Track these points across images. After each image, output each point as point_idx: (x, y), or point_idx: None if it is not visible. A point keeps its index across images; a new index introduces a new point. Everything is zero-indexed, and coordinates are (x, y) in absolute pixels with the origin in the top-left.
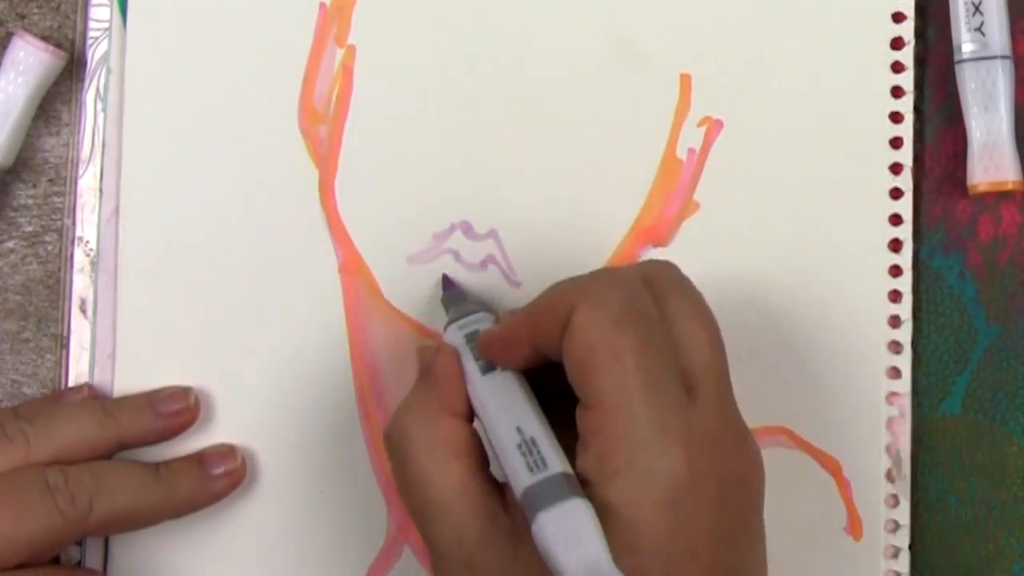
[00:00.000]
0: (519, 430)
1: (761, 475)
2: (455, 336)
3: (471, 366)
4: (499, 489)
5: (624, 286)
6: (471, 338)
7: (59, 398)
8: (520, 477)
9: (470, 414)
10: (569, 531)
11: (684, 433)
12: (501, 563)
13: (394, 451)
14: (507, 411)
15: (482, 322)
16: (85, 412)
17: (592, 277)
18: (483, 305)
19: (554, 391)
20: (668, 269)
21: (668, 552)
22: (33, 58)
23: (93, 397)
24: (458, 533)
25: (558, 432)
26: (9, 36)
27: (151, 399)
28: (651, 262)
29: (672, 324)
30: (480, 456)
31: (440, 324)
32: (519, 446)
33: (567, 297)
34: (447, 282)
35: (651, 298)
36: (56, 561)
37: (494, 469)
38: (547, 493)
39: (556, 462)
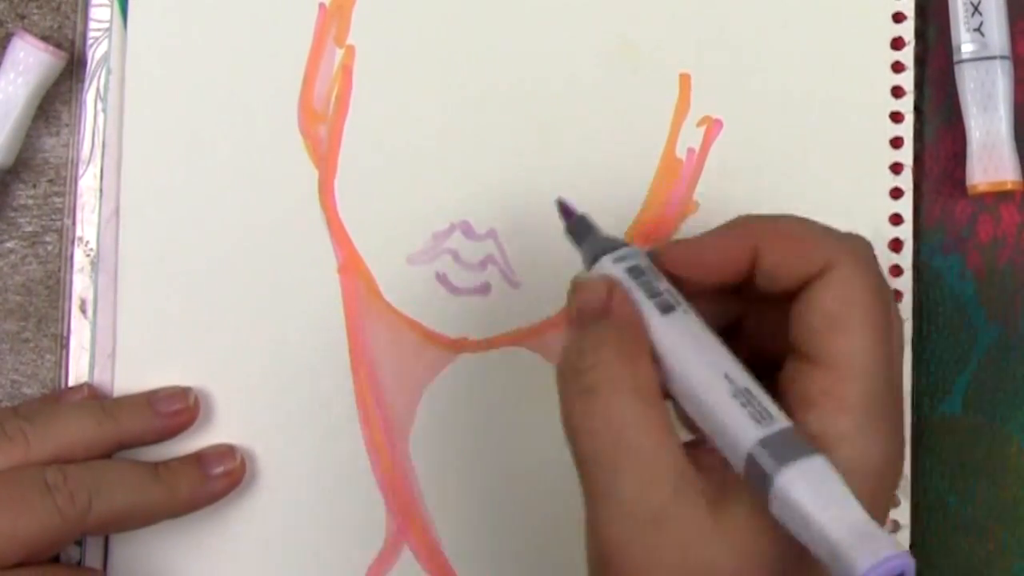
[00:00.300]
0: (728, 378)
1: None
2: (616, 271)
3: (646, 306)
4: (686, 449)
5: (875, 255)
6: (636, 273)
7: (59, 398)
8: (744, 429)
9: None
10: (823, 488)
11: (895, 413)
12: (697, 522)
13: (581, 384)
14: (708, 356)
15: (637, 257)
16: (84, 412)
17: (851, 236)
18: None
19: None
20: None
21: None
22: (33, 58)
23: (93, 397)
24: (652, 484)
25: None
26: (9, 36)
27: (150, 399)
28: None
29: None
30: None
31: (440, 325)
32: (735, 395)
33: (825, 242)
34: (566, 209)
35: None
36: (56, 560)
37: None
38: (786, 447)
39: (780, 414)
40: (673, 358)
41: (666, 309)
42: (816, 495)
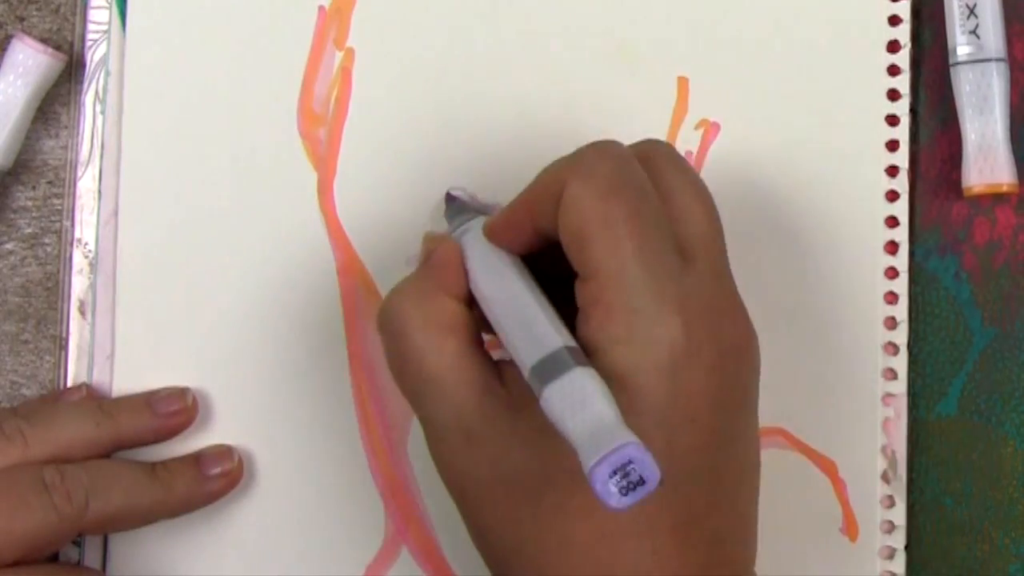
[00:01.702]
0: (521, 309)
1: (756, 347)
2: (457, 236)
3: (473, 260)
4: (495, 366)
5: (614, 157)
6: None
7: (57, 398)
8: (526, 355)
9: (469, 300)
10: (575, 398)
11: (681, 300)
12: (499, 433)
13: (387, 329)
14: (508, 293)
15: (482, 222)
16: (83, 411)
17: (581, 151)
18: (484, 210)
19: (559, 277)
20: (662, 146)
21: (669, 417)
22: (32, 60)
23: (91, 397)
24: (455, 406)
25: (564, 314)
26: (8, 38)
27: (149, 399)
28: (645, 140)
29: (668, 197)
30: (475, 334)
31: None
32: (521, 325)
33: (559, 173)
34: (449, 197)
35: (645, 171)
36: (54, 560)
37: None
38: (553, 366)
39: (558, 338)
40: (484, 298)
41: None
42: (569, 403)
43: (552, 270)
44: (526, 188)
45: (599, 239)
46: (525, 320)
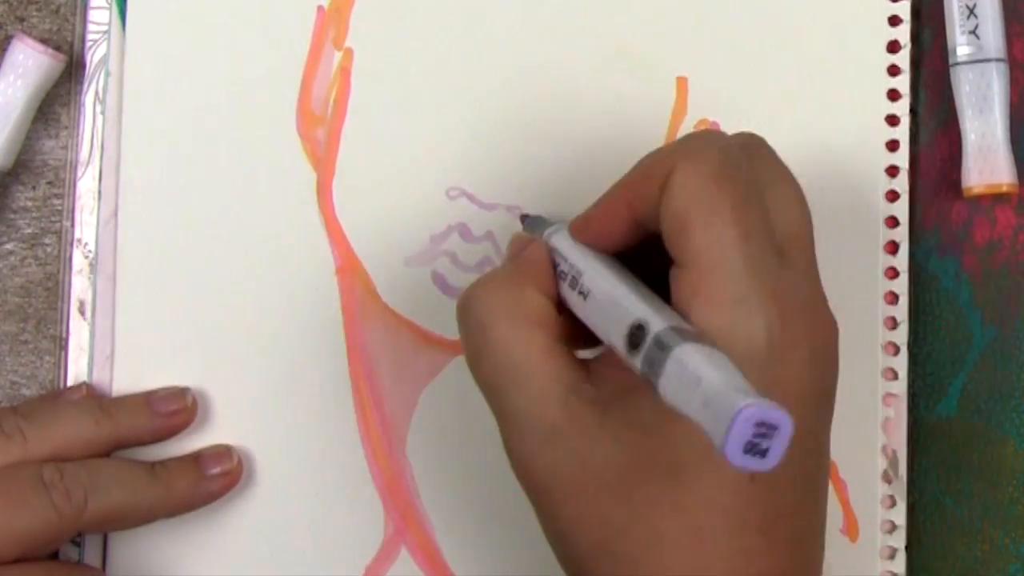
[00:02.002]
0: (621, 298)
1: (838, 346)
2: (545, 239)
3: (566, 257)
4: (581, 364)
5: (723, 146)
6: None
7: (57, 396)
8: (652, 319)
9: (557, 301)
10: (715, 360)
11: (779, 294)
12: (587, 429)
13: (471, 319)
14: (607, 283)
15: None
16: (82, 410)
17: (689, 137)
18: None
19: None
20: (756, 139)
21: None
22: (33, 61)
23: (91, 396)
24: (541, 400)
25: None
26: (9, 39)
27: (149, 399)
28: (740, 133)
29: (765, 189)
30: (562, 332)
31: (438, 327)
32: (643, 298)
33: (665, 158)
34: (524, 217)
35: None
36: (54, 558)
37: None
38: (688, 333)
39: (659, 319)
40: (590, 283)
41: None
42: (707, 361)
43: (639, 270)
44: (623, 179)
45: (704, 225)
46: (630, 306)
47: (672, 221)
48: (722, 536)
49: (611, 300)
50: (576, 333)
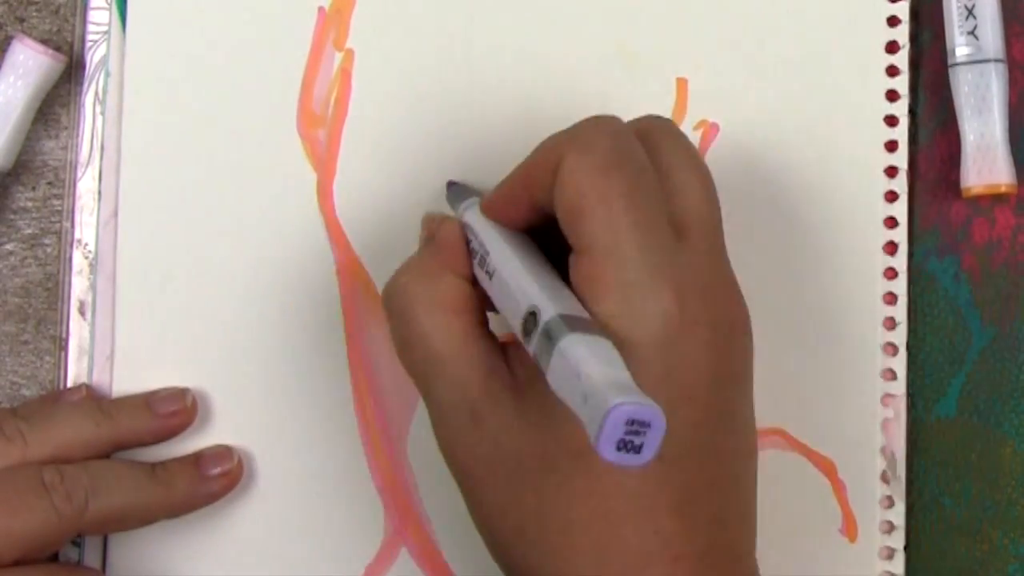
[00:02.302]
0: (521, 282)
1: (749, 325)
2: (459, 215)
3: (476, 236)
4: (500, 348)
5: (612, 132)
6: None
7: (57, 398)
8: (545, 306)
9: (472, 279)
10: (598, 354)
11: (675, 276)
12: (504, 414)
13: (393, 309)
14: (509, 266)
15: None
16: (82, 412)
17: (579, 125)
18: (484, 193)
19: (560, 254)
20: (661, 122)
21: (666, 392)
22: (33, 61)
23: (91, 397)
24: (461, 386)
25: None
26: (9, 39)
27: (148, 400)
28: (645, 116)
29: (665, 173)
30: (481, 314)
31: None
32: (522, 298)
33: (556, 146)
34: (450, 184)
35: (642, 147)
36: (54, 560)
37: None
38: (578, 324)
39: (551, 306)
40: (494, 263)
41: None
42: (588, 354)
43: (553, 246)
44: (522, 162)
45: (594, 214)
46: (525, 293)
47: (564, 210)
48: (632, 520)
49: (510, 283)
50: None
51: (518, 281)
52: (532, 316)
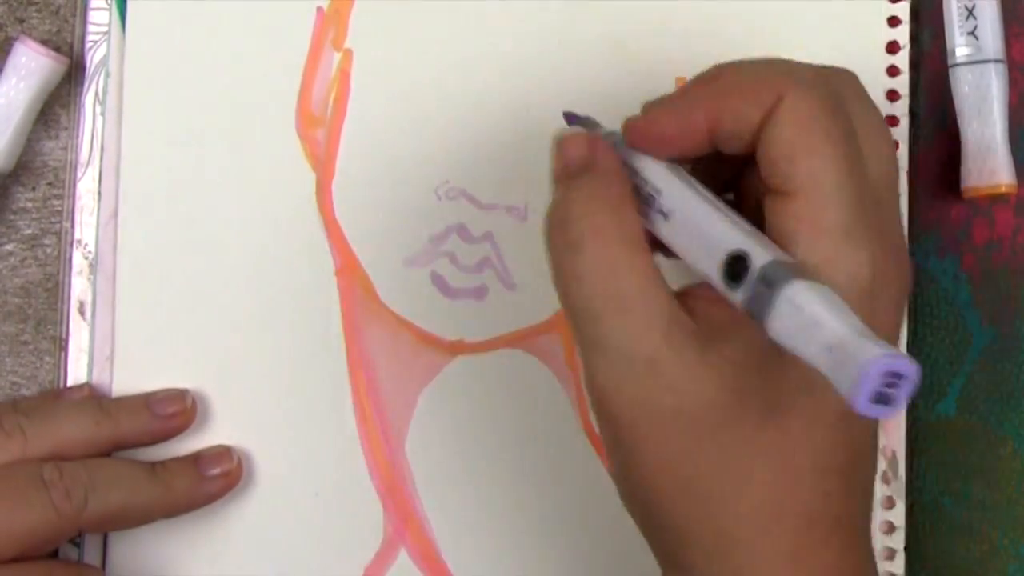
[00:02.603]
0: (713, 221)
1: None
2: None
3: (640, 169)
4: (676, 294)
5: (829, 80)
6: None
7: (59, 395)
8: (755, 252)
9: None
10: (829, 300)
11: (880, 231)
12: (687, 363)
13: (566, 240)
14: (692, 204)
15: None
16: (83, 410)
17: (793, 64)
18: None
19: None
20: (851, 80)
21: None
22: (35, 63)
23: (92, 396)
24: (641, 331)
25: None
26: (9, 41)
27: (148, 400)
28: (831, 69)
29: (859, 127)
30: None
31: (437, 327)
32: (739, 229)
33: (772, 79)
34: (572, 116)
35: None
36: (53, 557)
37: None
38: (794, 268)
39: (765, 252)
40: (671, 202)
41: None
42: (825, 302)
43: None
44: (700, 88)
45: (815, 154)
46: (727, 234)
47: (779, 146)
48: (808, 477)
49: (699, 225)
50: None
51: (714, 222)
52: (738, 260)
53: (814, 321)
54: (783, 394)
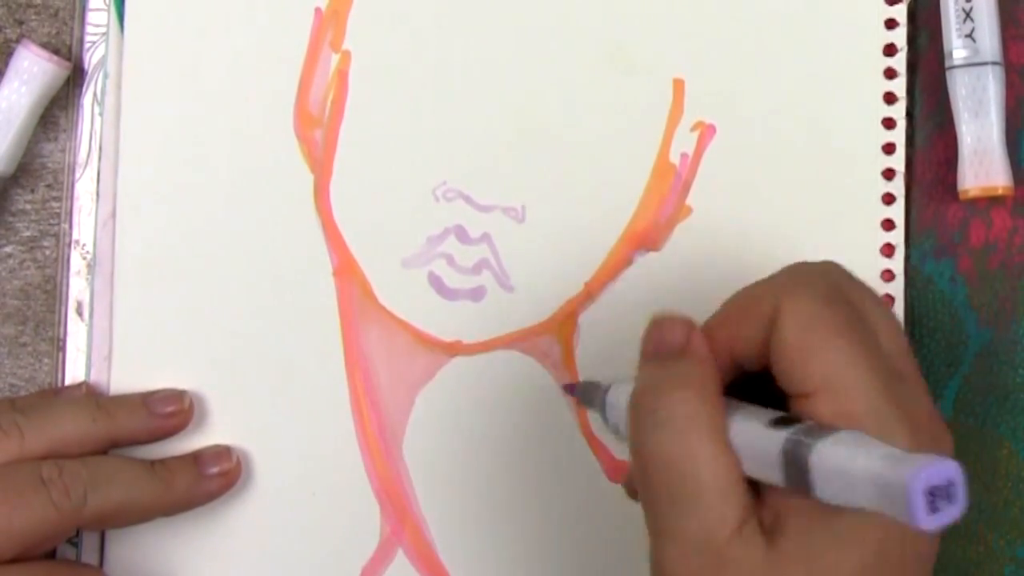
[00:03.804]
0: (754, 422)
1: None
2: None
3: None
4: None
5: (820, 272)
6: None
7: (56, 393)
8: (773, 435)
9: None
10: (859, 442)
11: (908, 410)
12: (754, 561)
13: (656, 419)
14: (745, 405)
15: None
16: (80, 407)
17: (786, 272)
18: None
19: None
20: (837, 265)
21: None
22: (37, 67)
23: (90, 394)
24: (715, 522)
25: None
26: (8, 42)
27: (146, 399)
28: (823, 261)
29: (864, 310)
30: None
31: (434, 328)
32: (767, 422)
33: (766, 294)
34: (569, 387)
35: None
36: (52, 556)
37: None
38: (816, 429)
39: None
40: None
41: None
42: (855, 446)
43: None
44: (716, 322)
45: (826, 348)
46: (768, 419)
47: (788, 352)
48: None
49: (750, 437)
50: None
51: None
52: (787, 452)
53: (846, 471)
54: None
